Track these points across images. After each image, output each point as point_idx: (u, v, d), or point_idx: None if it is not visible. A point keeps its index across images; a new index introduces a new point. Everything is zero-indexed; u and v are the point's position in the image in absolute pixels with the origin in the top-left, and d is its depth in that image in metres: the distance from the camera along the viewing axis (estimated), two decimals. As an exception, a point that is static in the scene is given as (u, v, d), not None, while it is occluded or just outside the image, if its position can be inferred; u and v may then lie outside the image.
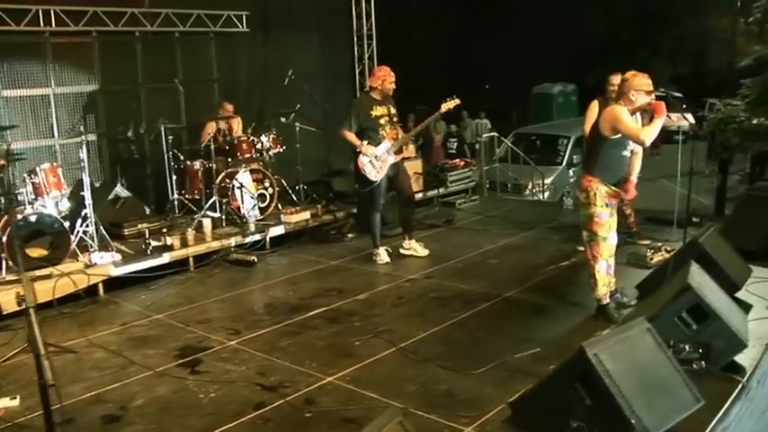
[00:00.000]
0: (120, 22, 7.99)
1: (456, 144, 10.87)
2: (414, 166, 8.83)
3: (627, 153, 4.88)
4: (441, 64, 19.65)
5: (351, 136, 6.46)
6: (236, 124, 8.21)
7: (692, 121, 6.66)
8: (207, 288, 6.21)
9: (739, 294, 5.09)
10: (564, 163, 12.75)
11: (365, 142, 6.44)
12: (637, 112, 4.82)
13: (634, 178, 5.24)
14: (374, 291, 5.85)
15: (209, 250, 6.86)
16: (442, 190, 9.38)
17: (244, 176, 7.55)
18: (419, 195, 8.69)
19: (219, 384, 4.20)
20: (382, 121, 6.51)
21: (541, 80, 21.54)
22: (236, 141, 7.67)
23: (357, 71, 10.86)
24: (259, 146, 7.74)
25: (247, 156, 7.67)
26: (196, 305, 5.74)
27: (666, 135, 18.70)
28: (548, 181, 11.69)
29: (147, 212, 7.64)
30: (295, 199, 8.27)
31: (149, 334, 5.14)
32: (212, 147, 7.43)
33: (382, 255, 6.74)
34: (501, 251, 6.93)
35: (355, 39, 10.77)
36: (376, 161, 6.49)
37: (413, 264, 6.65)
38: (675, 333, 4.01)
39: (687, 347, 3.99)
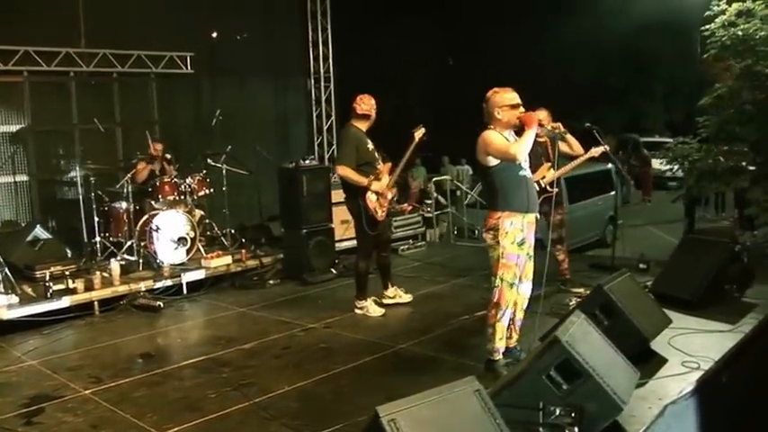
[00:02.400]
0: (54, 62, 7.93)
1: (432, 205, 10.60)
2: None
3: (525, 173, 4.43)
4: (423, 107, 19.49)
5: (354, 174, 5.79)
6: (171, 166, 8.01)
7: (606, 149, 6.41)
8: (99, 334, 5.94)
9: (659, 348, 4.72)
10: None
11: (371, 177, 5.87)
12: (510, 130, 4.43)
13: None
14: (263, 340, 5.52)
15: (116, 294, 6.61)
16: (385, 236, 9.01)
17: (168, 218, 7.30)
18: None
19: (44, 438, 3.91)
20: (376, 154, 5.96)
21: (534, 124, 21.22)
22: (158, 183, 7.47)
23: (314, 114, 10.72)
24: (183, 188, 7.53)
25: (170, 198, 7.45)
26: (77, 351, 5.48)
27: (659, 181, 18.33)
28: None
29: (69, 255, 7.41)
30: (225, 243, 8.01)
31: (11, 381, 4.88)
32: (129, 188, 7.23)
33: (374, 307, 6.14)
34: (420, 300, 6.56)
35: (312, 81, 10.65)
36: (381, 198, 5.93)
37: (324, 310, 6.31)
38: (545, 393, 3.60)
39: (558, 410, 3.58)
